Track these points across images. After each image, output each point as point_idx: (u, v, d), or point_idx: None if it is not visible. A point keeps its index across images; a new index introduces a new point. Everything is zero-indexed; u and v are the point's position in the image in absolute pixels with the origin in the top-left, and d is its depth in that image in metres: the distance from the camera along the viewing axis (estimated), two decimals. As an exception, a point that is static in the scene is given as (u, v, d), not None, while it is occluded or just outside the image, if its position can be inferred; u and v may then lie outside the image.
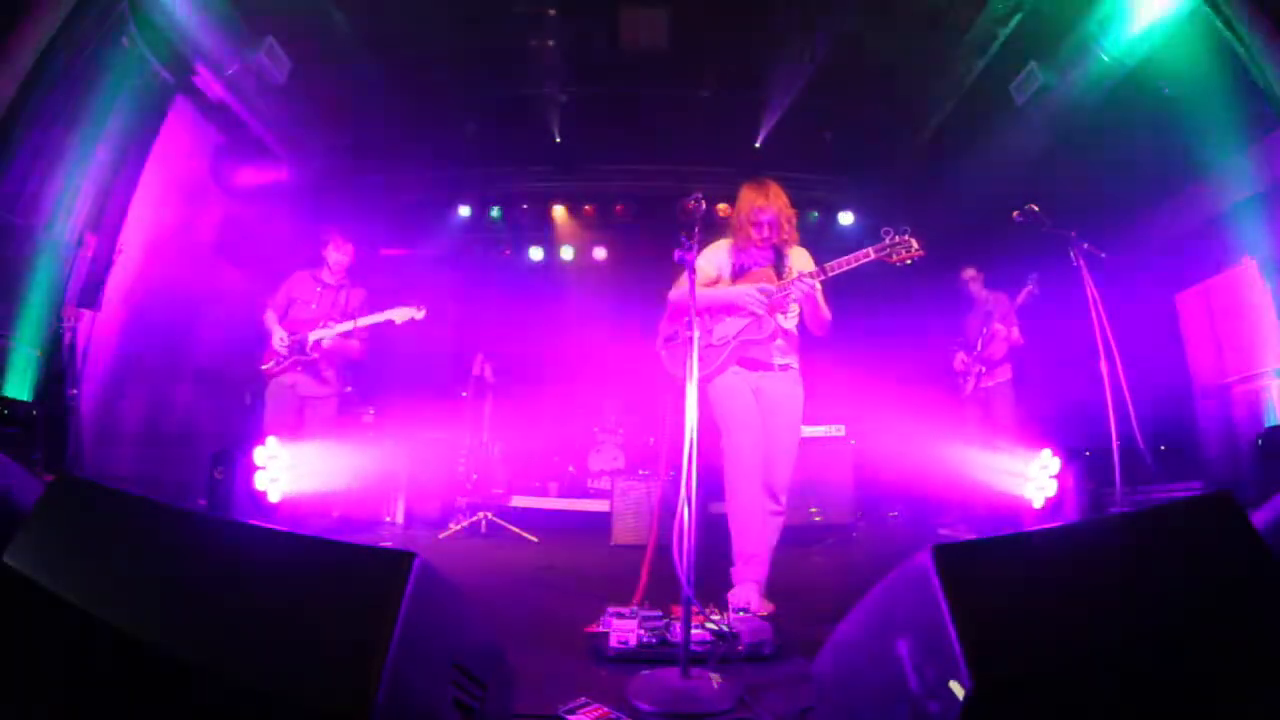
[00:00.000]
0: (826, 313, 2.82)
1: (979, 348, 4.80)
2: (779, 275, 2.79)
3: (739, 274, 2.89)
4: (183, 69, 4.34)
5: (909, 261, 2.63)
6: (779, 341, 2.82)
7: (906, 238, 2.63)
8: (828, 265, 2.68)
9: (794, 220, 2.87)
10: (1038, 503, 3.88)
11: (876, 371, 5.84)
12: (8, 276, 3.49)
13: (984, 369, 4.77)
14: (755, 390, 2.81)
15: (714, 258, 2.92)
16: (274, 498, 3.55)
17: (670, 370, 2.94)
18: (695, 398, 2.07)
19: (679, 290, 2.82)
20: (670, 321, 2.97)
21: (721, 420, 2.78)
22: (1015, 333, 4.66)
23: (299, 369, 4.04)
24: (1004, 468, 4.27)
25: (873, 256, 2.63)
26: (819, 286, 2.73)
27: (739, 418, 2.73)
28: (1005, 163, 5.36)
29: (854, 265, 2.64)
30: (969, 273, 5.03)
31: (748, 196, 2.84)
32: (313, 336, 3.99)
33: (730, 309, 2.82)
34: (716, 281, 2.88)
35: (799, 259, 2.87)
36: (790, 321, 2.88)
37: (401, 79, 5.34)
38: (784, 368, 2.85)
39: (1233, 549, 1.40)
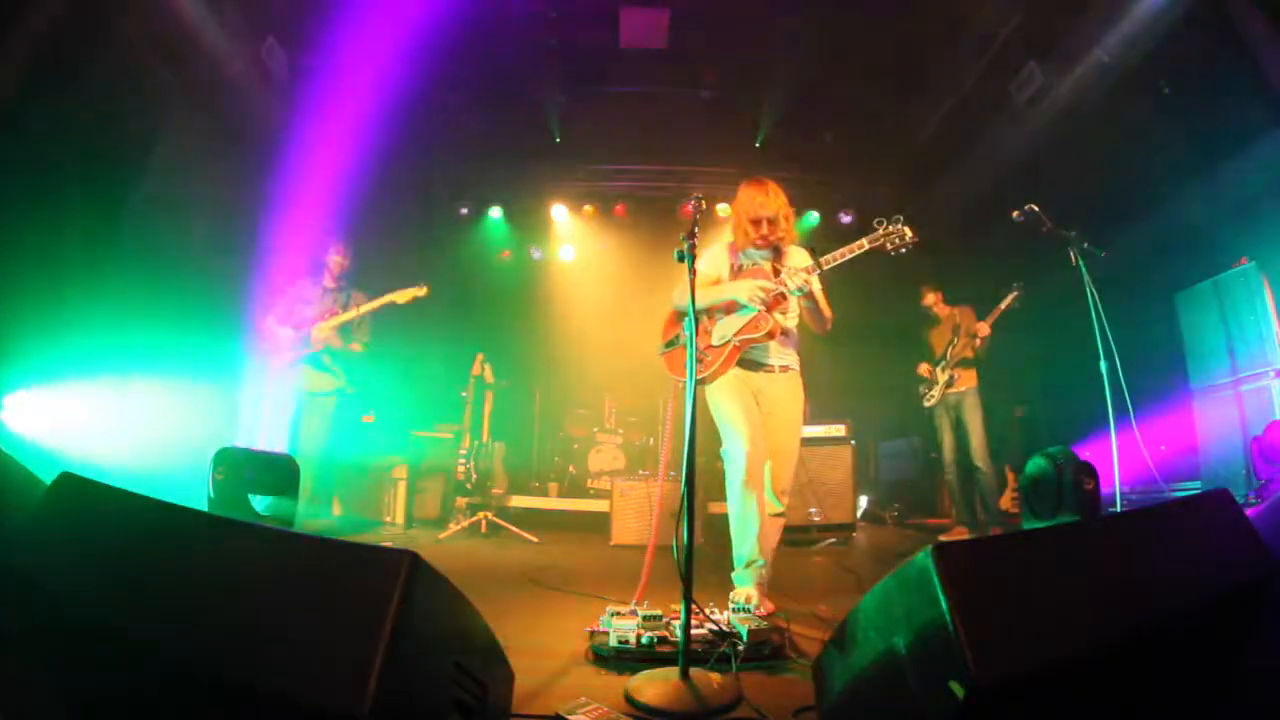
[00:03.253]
0: (827, 310, 2.81)
1: (947, 356, 4.82)
2: (776, 272, 2.77)
3: (737, 273, 2.88)
4: (183, 68, 4.34)
5: (903, 250, 2.62)
6: (778, 340, 2.79)
7: (899, 226, 2.62)
8: (823, 259, 2.65)
9: (792, 218, 2.85)
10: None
11: (879, 370, 5.86)
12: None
13: (955, 375, 4.79)
14: (756, 392, 2.80)
15: (713, 259, 2.90)
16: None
17: (671, 373, 2.92)
18: (694, 399, 2.06)
19: (681, 293, 2.75)
20: (672, 325, 2.96)
21: (721, 424, 2.77)
22: (985, 328, 4.65)
23: (302, 365, 4.09)
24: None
25: (867, 247, 2.63)
26: (816, 282, 2.71)
27: (739, 421, 2.71)
28: (1005, 162, 5.37)
29: (849, 256, 2.63)
30: (930, 297, 5.09)
31: (746, 195, 2.81)
32: (316, 330, 4.05)
33: (730, 305, 2.81)
34: (716, 283, 2.87)
35: (797, 257, 2.84)
36: (790, 319, 2.87)
37: (402, 78, 5.34)
38: (784, 369, 2.85)
39: (1231, 547, 1.40)
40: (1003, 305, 4.63)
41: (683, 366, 2.51)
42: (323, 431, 4.15)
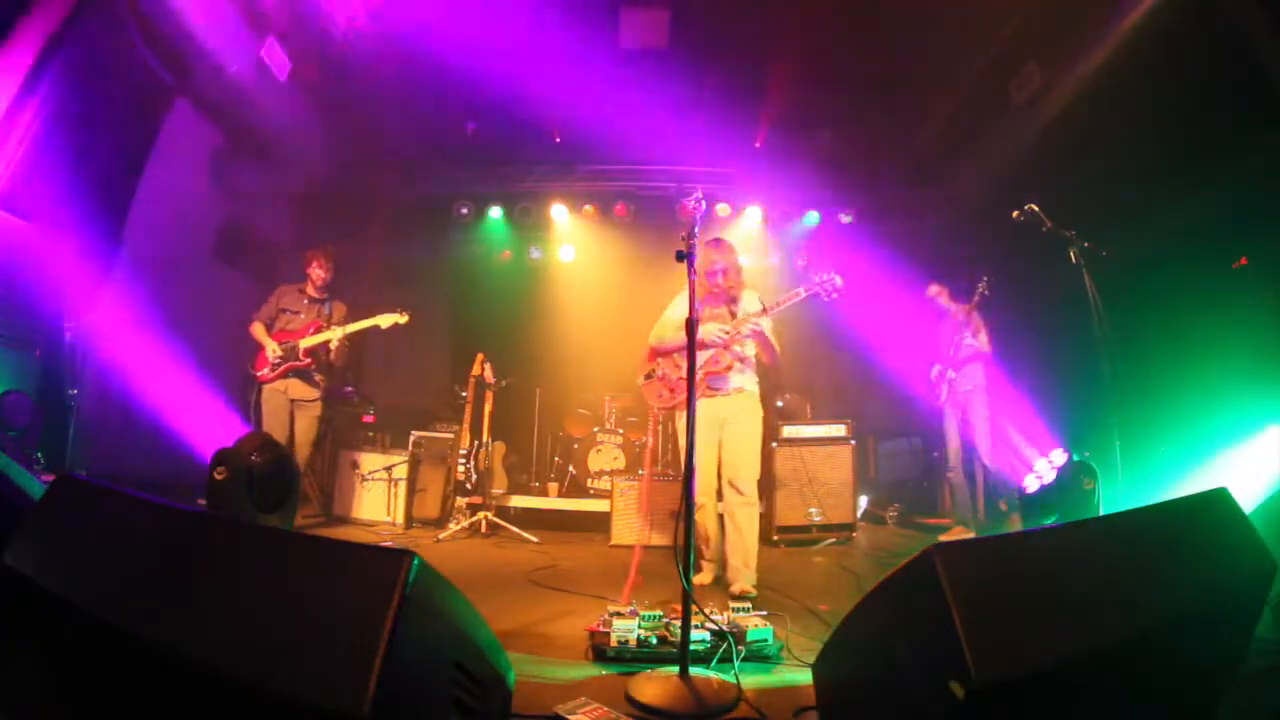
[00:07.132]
0: (776, 345, 3.25)
1: (951, 355, 4.87)
2: (733, 315, 3.29)
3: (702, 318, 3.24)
4: (183, 69, 4.35)
5: (835, 296, 3.12)
6: (735, 370, 3.24)
7: (831, 277, 3.12)
8: (768, 305, 3.21)
9: (741, 271, 3.39)
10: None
11: (879, 370, 5.86)
12: (8, 276, 3.50)
13: (955, 374, 4.83)
14: (717, 414, 3.20)
15: (680, 303, 3.21)
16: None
17: (650, 401, 3.51)
18: (693, 402, 2.09)
19: (657, 334, 3.41)
20: (649, 360, 3.49)
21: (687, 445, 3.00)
22: (982, 339, 4.74)
23: (291, 375, 4.35)
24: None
25: (804, 295, 3.15)
26: (766, 323, 3.18)
27: (697, 447, 2.91)
28: (1004, 162, 5.36)
29: (790, 303, 3.18)
30: (934, 289, 5.13)
31: (704, 253, 3.18)
32: (304, 344, 4.29)
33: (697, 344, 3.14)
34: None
35: (749, 300, 3.33)
36: (747, 348, 3.30)
37: (402, 78, 5.34)
38: (738, 390, 3.26)
39: (1231, 545, 1.40)
40: (974, 300, 4.72)
41: (657, 394, 3.42)
42: (311, 434, 4.40)
